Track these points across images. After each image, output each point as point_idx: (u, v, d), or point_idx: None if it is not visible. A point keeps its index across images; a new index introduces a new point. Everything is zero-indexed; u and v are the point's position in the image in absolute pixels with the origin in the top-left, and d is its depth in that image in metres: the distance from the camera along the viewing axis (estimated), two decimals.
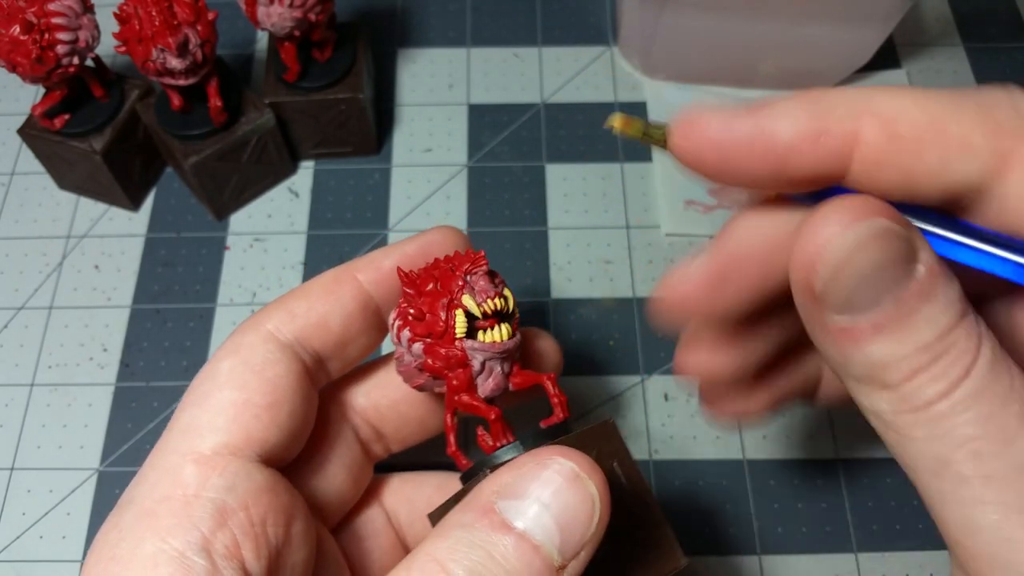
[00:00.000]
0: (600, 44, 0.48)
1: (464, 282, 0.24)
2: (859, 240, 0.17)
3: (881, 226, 0.17)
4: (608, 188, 0.43)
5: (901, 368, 0.18)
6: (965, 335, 0.17)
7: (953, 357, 0.17)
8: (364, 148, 0.44)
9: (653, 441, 0.37)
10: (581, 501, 0.20)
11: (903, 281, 0.17)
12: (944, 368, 0.17)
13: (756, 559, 0.35)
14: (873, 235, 0.17)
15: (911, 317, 0.17)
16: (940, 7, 0.49)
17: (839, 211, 0.18)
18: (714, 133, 0.19)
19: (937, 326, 0.17)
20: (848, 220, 0.18)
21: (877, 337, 0.18)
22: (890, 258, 0.17)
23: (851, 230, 0.17)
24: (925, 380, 0.17)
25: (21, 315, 0.40)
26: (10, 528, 0.35)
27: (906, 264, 0.17)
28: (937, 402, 0.17)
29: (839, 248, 0.18)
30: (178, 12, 0.35)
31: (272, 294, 0.40)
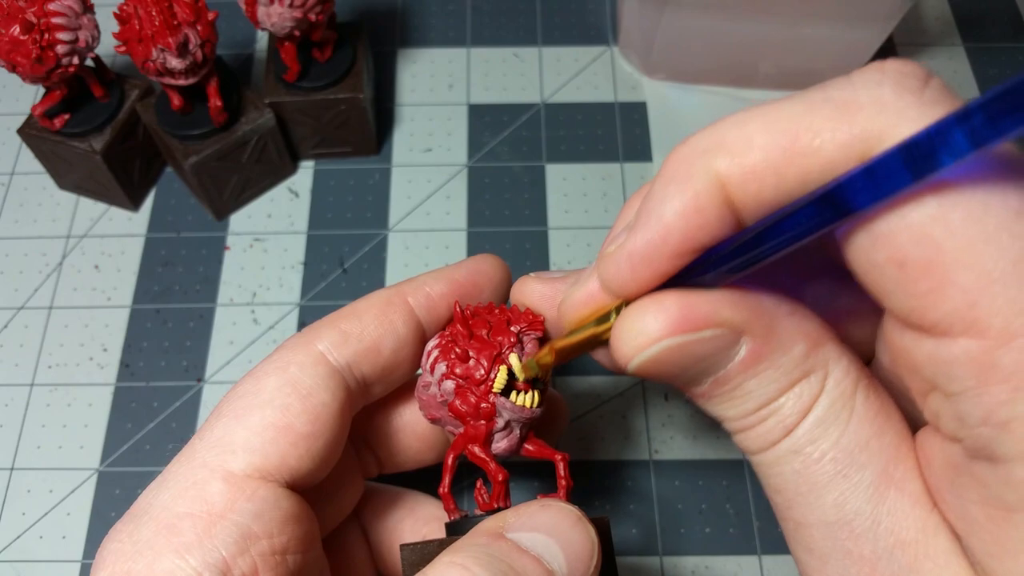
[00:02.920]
0: (600, 44, 0.48)
1: (517, 340, 0.24)
2: (650, 357, 0.18)
3: (669, 345, 0.18)
4: (608, 188, 0.43)
5: (732, 426, 0.20)
6: (796, 397, 0.18)
7: (778, 419, 0.19)
8: (364, 148, 0.44)
9: (653, 441, 0.37)
10: (584, 540, 0.21)
11: (722, 363, 0.18)
12: (769, 428, 0.19)
13: (756, 559, 0.35)
14: (664, 352, 0.18)
15: (734, 391, 0.19)
16: (940, 7, 0.49)
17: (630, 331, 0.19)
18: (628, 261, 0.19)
19: (762, 396, 0.19)
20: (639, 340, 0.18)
21: (708, 401, 0.20)
22: (693, 358, 0.18)
23: (642, 350, 0.18)
24: (751, 437, 0.19)
25: (21, 315, 0.40)
26: (10, 528, 0.35)
27: (722, 352, 0.18)
28: (763, 454, 0.19)
29: (636, 362, 0.19)
30: (178, 12, 0.35)
31: (272, 294, 0.40)
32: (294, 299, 0.40)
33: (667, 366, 0.19)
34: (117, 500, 0.36)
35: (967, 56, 0.47)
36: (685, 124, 0.45)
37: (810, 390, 0.18)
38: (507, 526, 0.21)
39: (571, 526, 0.21)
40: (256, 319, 0.40)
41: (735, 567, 0.35)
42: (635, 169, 0.43)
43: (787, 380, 0.18)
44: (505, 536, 0.21)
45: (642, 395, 0.38)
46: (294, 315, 0.40)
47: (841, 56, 0.43)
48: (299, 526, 0.23)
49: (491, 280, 0.27)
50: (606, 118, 0.45)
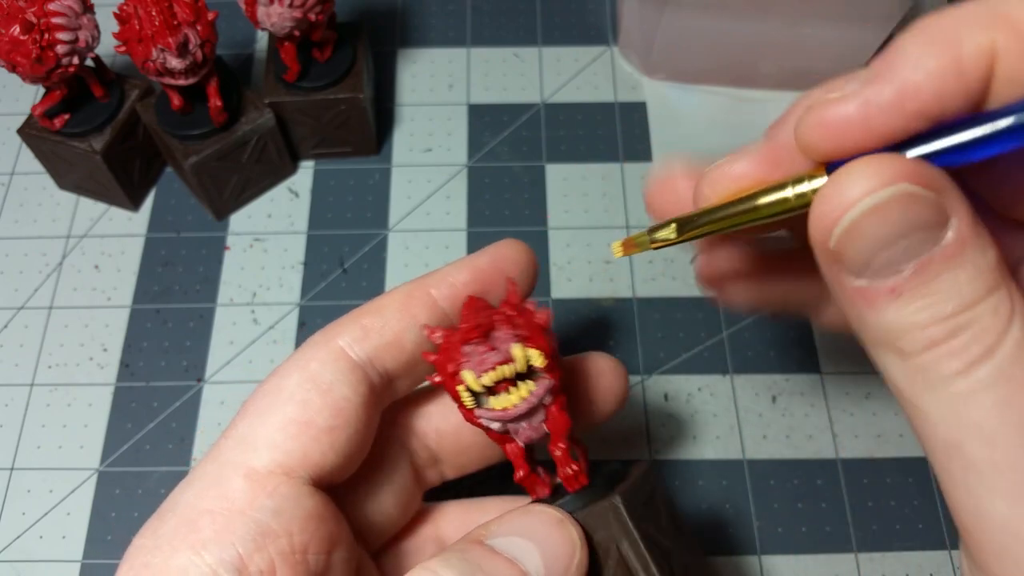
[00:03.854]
0: (600, 44, 0.48)
1: (463, 355, 0.22)
2: (877, 204, 0.17)
3: (903, 191, 0.16)
4: (608, 188, 0.43)
5: (917, 338, 0.17)
6: (992, 310, 0.16)
7: (975, 333, 0.16)
8: (364, 148, 0.44)
9: (653, 441, 0.37)
10: (563, 541, 0.21)
11: (927, 246, 0.17)
12: (964, 344, 0.16)
13: (756, 559, 0.35)
14: (893, 199, 0.16)
15: (932, 284, 0.17)
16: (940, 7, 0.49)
17: (861, 172, 0.17)
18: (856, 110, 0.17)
19: (960, 297, 0.16)
20: (869, 183, 0.17)
21: (894, 302, 0.17)
22: (912, 223, 0.16)
23: (870, 194, 0.17)
24: (942, 355, 0.16)
25: (21, 315, 0.40)
26: (10, 528, 0.35)
27: (932, 230, 0.16)
28: (953, 380, 0.16)
29: (857, 212, 0.17)
30: (178, 12, 0.35)
31: (272, 294, 0.40)
32: (294, 299, 0.40)
33: (890, 222, 0.17)
34: (117, 500, 0.36)
35: None
36: (685, 124, 0.45)
37: (1005, 304, 0.16)
38: (488, 533, 0.21)
39: (550, 528, 0.21)
40: (256, 319, 0.40)
41: (735, 567, 0.35)
42: (635, 169, 0.43)
43: (984, 284, 0.16)
44: (483, 542, 0.21)
45: (642, 395, 0.38)
46: (294, 315, 0.40)
47: (841, 56, 0.43)
48: (322, 525, 0.22)
49: (516, 264, 0.26)
50: (606, 118, 0.45)
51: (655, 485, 0.24)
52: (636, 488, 0.23)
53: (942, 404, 0.17)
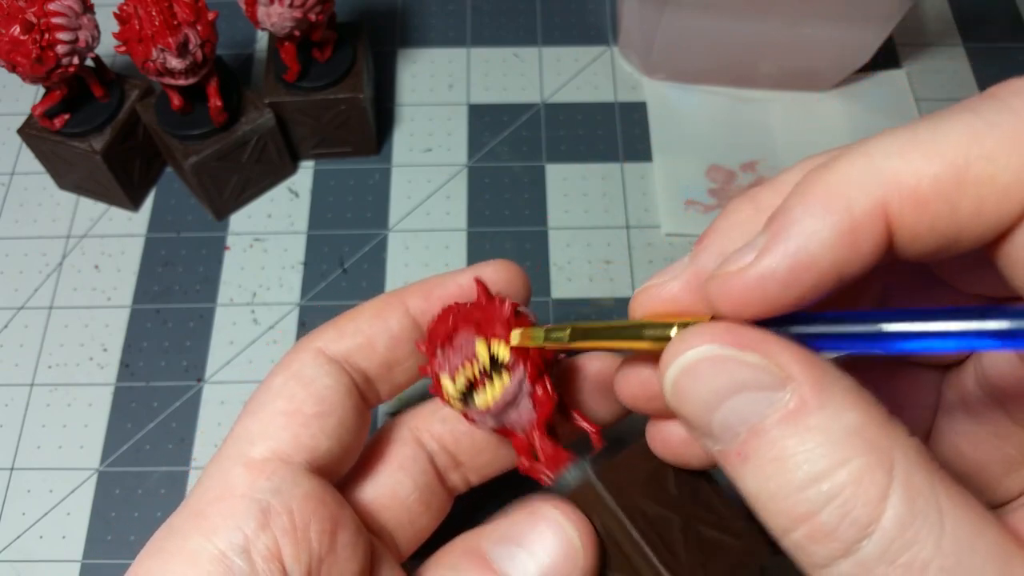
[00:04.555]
0: (600, 44, 0.48)
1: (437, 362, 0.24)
2: (688, 365, 0.17)
3: (712, 352, 0.17)
4: (608, 188, 0.43)
5: (783, 510, 0.16)
6: (857, 479, 0.15)
7: (843, 508, 0.15)
8: (364, 148, 0.44)
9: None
10: (565, 551, 0.21)
11: (761, 410, 0.16)
12: (835, 522, 0.15)
13: None
14: (704, 361, 0.17)
15: (773, 450, 0.16)
16: (940, 7, 0.49)
17: (682, 337, 0.17)
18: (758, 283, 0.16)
19: (808, 466, 0.15)
20: (684, 345, 0.17)
21: (744, 467, 0.16)
22: (730, 385, 0.16)
23: (683, 355, 0.17)
24: (816, 533, 0.15)
25: (21, 315, 0.40)
26: (10, 528, 0.35)
27: (765, 392, 0.16)
28: (838, 562, 0.15)
29: (673, 371, 0.17)
30: (178, 12, 0.35)
31: (272, 294, 0.40)
32: (294, 299, 0.40)
33: (704, 383, 0.17)
34: (117, 500, 0.36)
35: (967, 56, 0.47)
36: (685, 124, 0.45)
37: (874, 477, 0.15)
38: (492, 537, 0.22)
39: (548, 536, 0.21)
40: (256, 319, 0.40)
41: None
42: (635, 169, 0.43)
43: (839, 452, 0.15)
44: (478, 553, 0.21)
45: None
46: (294, 315, 0.40)
47: (841, 56, 0.43)
48: (322, 506, 0.23)
49: (496, 285, 0.27)
50: (606, 118, 0.45)
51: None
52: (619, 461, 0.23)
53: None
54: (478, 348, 0.23)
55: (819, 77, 0.45)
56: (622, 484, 0.22)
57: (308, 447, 0.24)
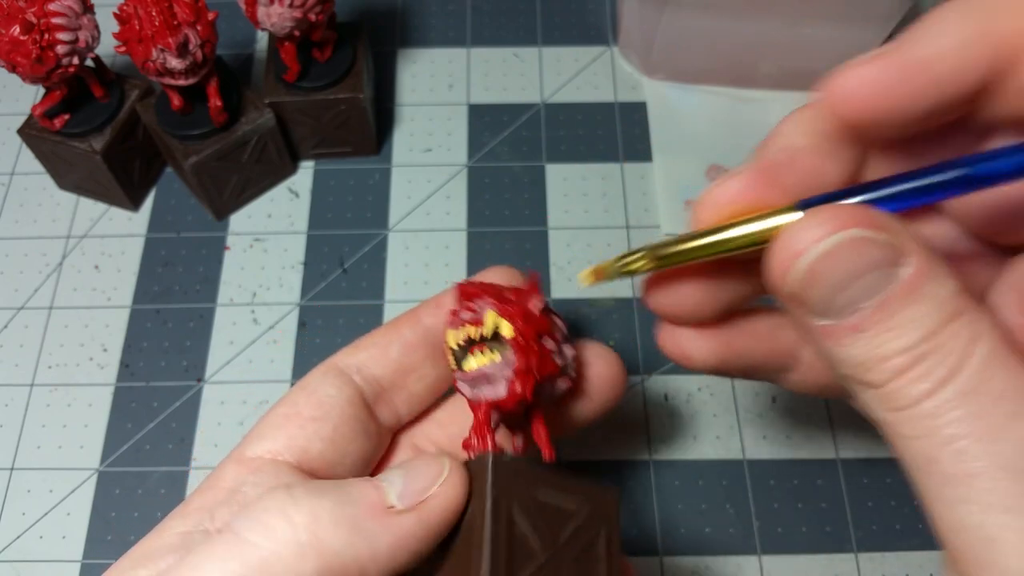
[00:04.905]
0: (600, 44, 0.48)
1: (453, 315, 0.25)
2: (828, 250, 0.18)
3: (851, 235, 0.18)
4: (608, 188, 0.43)
5: (883, 369, 0.18)
6: (953, 335, 0.17)
7: (940, 358, 0.17)
8: (364, 148, 0.44)
9: (653, 441, 0.37)
10: (429, 464, 0.22)
11: (885, 284, 0.17)
12: (929, 368, 0.17)
13: (756, 559, 0.35)
14: (843, 244, 0.18)
15: (892, 319, 0.17)
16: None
17: (812, 221, 0.18)
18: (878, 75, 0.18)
19: (921, 328, 0.17)
20: (820, 230, 0.18)
21: (857, 338, 0.18)
22: (865, 264, 0.17)
23: (821, 240, 0.18)
24: (909, 380, 0.17)
25: (21, 315, 0.40)
26: (10, 528, 0.35)
27: (888, 268, 0.17)
28: (922, 401, 0.17)
29: (810, 257, 0.18)
30: (178, 12, 0.35)
31: (272, 294, 0.40)
32: (294, 299, 0.40)
33: (844, 265, 0.18)
34: (117, 500, 0.36)
35: None
36: (685, 124, 0.45)
37: (967, 328, 0.17)
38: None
39: (422, 459, 0.23)
40: (256, 319, 0.40)
41: (735, 567, 0.35)
42: (635, 169, 0.43)
43: (944, 314, 0.17)
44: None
45: (642, 395, 0.38)
46: (294, 315, 0.40)
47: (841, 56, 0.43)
48: None
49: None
50: (606, 118, 0.45)
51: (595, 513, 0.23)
52: (527, 469, 0.22)
53: (914, 423, 0.17)
54: (487, 316, 0.24)
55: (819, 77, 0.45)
56: (517, 488, 0.22)
57: (299, 447, 0.24)
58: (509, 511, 0.21)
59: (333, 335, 0.39)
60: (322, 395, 0.25)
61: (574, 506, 0.22)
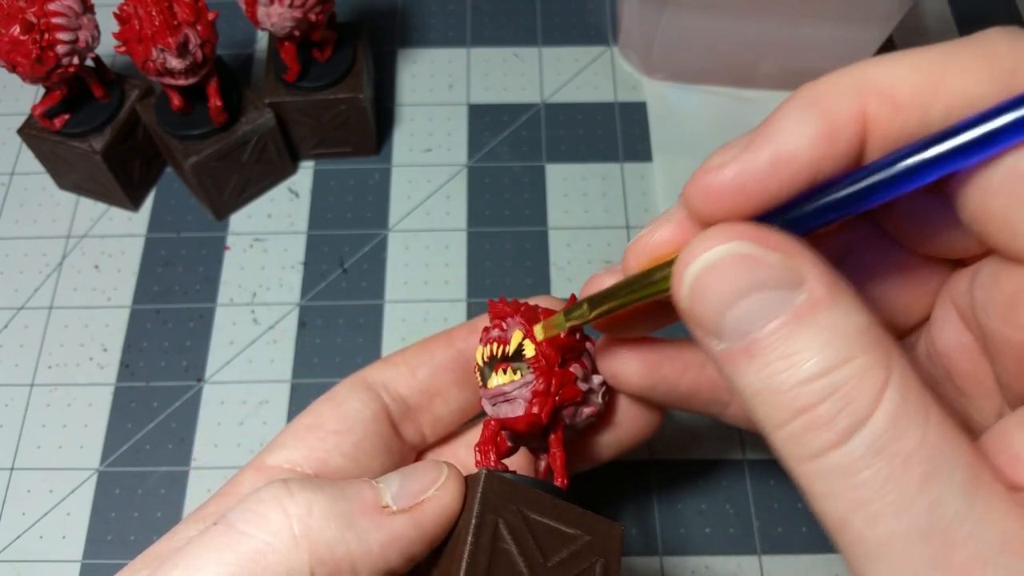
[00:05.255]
0: (600, 44, 0.48)
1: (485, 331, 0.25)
2: (712, 263, 0.17)
3: (735, 250, 0.17)
4: (608, 188, 0.43)
5: (782, 404, 0.16)
6: (858, 376, 0.16)
7: (843, 402, 0.16)
8: (364, 148, 0.44)
9: (653, 441, 0.37)
10: (427, 468, 0.23)
11: (778, 307, 0.16)
12: (831, 413, 0.16)
13: (756, 559, 0.35)
14: (726, 258, 0.17)
15: (784, 347, 0.16)
16: (940, 7, 0.49)
17: (704, 236, 0.17)
18: (732, 177, 0.17)
19: (817, 361, 0.16)
20: (707, 244, 0.17)
21: (751, 363, 0.17)
22: (752, 283, 0.17)
23: (707, 252, 0.17)
24: (811, 424, 0.16)
25: (21, 315, 0.40)
26: (10, 528, 0.35)
27: (781, 291, 0.16)
28: (828, 454, 0.16)
29: (694, 269, 0.17)
30: (178, 12, 0.35)
31: (272, 294, 0.40)
32: (294, 299, 0.40)
33: (726, 280, 0.17)
34: (117, 500, 0.36)
35: None
36: (685, 124, 0.45)
37: (875, 371, 0.16)
38: None
39: (421, 464, 0.23)
40: (256, 319, 0.40)
41: (735, 567, 0.35)
42: (635, 169, 0.43)
43: (844, 349, 0.16)
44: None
45: None
46: (294, 315, 0.40)
47: (841, 56, 0.43)
48: None
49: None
50: (606, 118, 0.45)
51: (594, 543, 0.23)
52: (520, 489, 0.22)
53: (824, 480, 0.16)
54: (514, 335, 0.24)
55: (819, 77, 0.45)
56: (511, 506, 0.22)
57: (319, 459, 0.24)
58: (495, 526, 0.21)
59: (333, 335, 0.39)
60: (348, 408, 0.25)
61: (572, 532, 0.22)
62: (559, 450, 0.25)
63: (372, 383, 0.26)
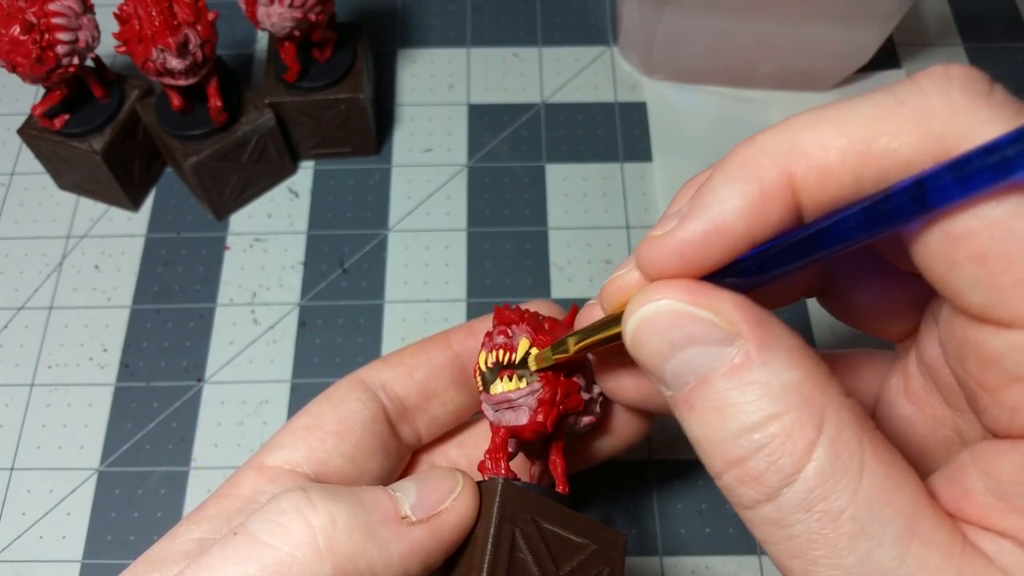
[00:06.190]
0: (600, 44, 0.48)
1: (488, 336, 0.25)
2: (646, 318, 0.18)
3: (673, 307, 0.18)
4: (608, 188, 0.43)
5: (718, 455, 0.17)
6: (785, 434, 0.16)
7: (771, 459, 0.16)
8: (364, 148, 0.44)
9: (653, 441, 0.37)
10: (443, 477, 0.23)
11: (711, 362, 0.17)
12: (760, 469, 0.16)
13: (756, 559, 0.35)
14: (658, 313, 0.18)
15: (715, 401, 0.17)
16: (940, 7, 0.49)
17: (643, 293, 0.18)
18: (672, 248, 0.18)
19: (744, 417, 0.17)
20: (643, 300, 0.18)
21: (690, 413, 0.18)
22: (684, 339, 0.17)
23: (643, 307, 0.18)
24: (743, 478, 0.17)
25: (21, 315, 0.40)
26: (10, 528, 0.35)
27: (715, 347, 0.17)
28: (762, 507, 0.17)
29: (632, 323, 0.18)
30: (178, 12, 0.35)
31: (272, 294, 0.40)
32: (294, 299, 0.40)
33: (660, 335, 0.18)
34: (117, 500, 0.36)
35: (967, 56, 0.47)
36: (685, 124, 0.45)
37: (804, 430, 0.16)
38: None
39: (437, 473, 0.23)
40: (256, 319, 0.40)
41: (735, 567, 0.35)
42: (635, 169, 0.43)
43: (771, 406, 0.16)
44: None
45: None
46: (294, 315, 0.40)
47: (841, 56, 0.43)
48: None
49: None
50: (606, 118, 0.45)
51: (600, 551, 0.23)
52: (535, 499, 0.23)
53: (760, 527, 0.17)
54: (520, 342, 0.24)
55: (819, 77, 0.45)
56: (524, 514, 0.22)
57: (318, 460, 0.25)
58: (512, 536, 0.22)
59: (333, 335, 0.39)
60: (347, 409, 0.25)
61: (580, 541, 0.23)
62: (559, 458, 0.25)
63: (370, 383, 0.26)
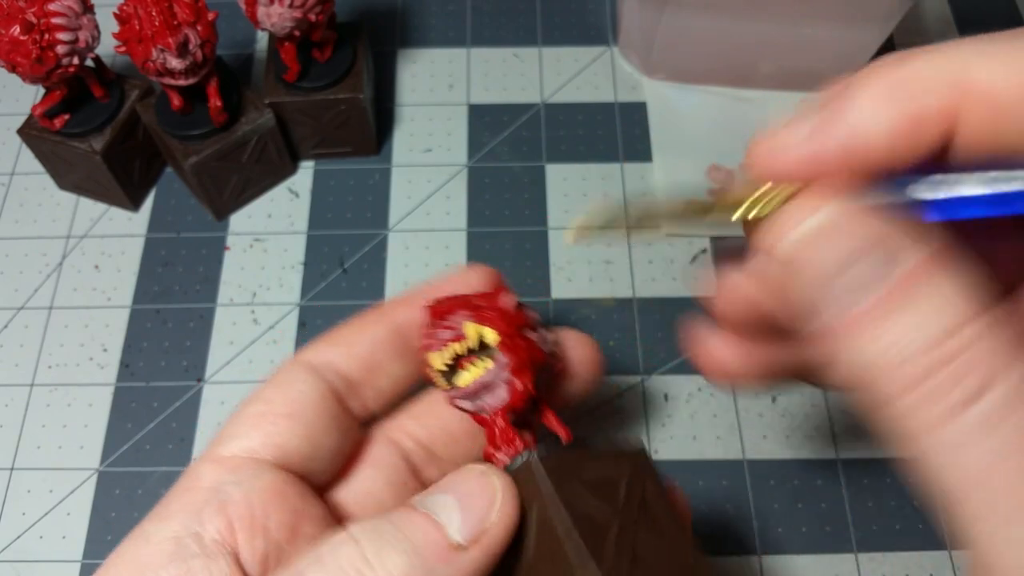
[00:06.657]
0: (600, 44, 0.48)
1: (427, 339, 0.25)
2: (809, 234, 0.16)
3: (850, 213, 0.16)
4: (608, 188, 0.43)
5: (892, 379, 0.15)
6: (975, 341, 0.15)
7: (957, 371, 0.14)
8: (364, 148, 0.44)
9: (653, 441, 0.37)
10: (481, 488, 0.22)
11: (885, 274, 0.15)
12: (946, 384, 0.15)
13: (756, 559, 0.35)
14: (828, 226, 0.16)
15: (893, 316, 0.15)
16: (940, 7, 0.49)
17: (809, 197, 0.16)
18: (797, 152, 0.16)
19: (930, 329, 0.15)
20: (809, 207, 0.16)
21: (858, 337, 0.15)
22: (860, 247, 0.15)
23: (802, 225, 0.16)
24: (924, 397, 0.15)
25: (21, 315, 0.40)
26: (10, 528, 0.35)
27: (888, 256, 0.15)
28: (942, 427, 0.15)
29: (799, 234, 0.16)
30: (178, 12, 0.35)
31: (272, 294, 0.40)
32: (294, 299, 0.40)
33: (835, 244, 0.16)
34: (117, 500, 0.36)
35: None
36: (685, 124, 0.45)
37: (994, 338, 0.14)
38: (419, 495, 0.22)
39: (470, 479, 0.22)
40: (256, 319, 0.40)
41: (735, 567, 0.35)
42: (635, 169, 0.43)
43: (959, 314, 0.15)
44: (407, 503, 0.22)
45: (642, 395, 0.38)
46: (294, 315, 0.40)
47: (841, 56, 0.43)
48: (284, 499, 0.24)
49: (478, 290, 0.27)
50: (606, 118, 0.45)
51: (634, 470, 0.24)
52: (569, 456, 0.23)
53: (936, 452, 0.15)
54: (468, 329, 0.24)
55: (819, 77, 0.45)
56: (565, 475, 0.22)
57: (276, 444, 0.24)
58: (571, 498, 0.22)
59: None
60: (295, 391, 0.25)
61: (614, 471, 0.23)
62: (550, 411, 0.25)
63: (314, 364, 0.26)
